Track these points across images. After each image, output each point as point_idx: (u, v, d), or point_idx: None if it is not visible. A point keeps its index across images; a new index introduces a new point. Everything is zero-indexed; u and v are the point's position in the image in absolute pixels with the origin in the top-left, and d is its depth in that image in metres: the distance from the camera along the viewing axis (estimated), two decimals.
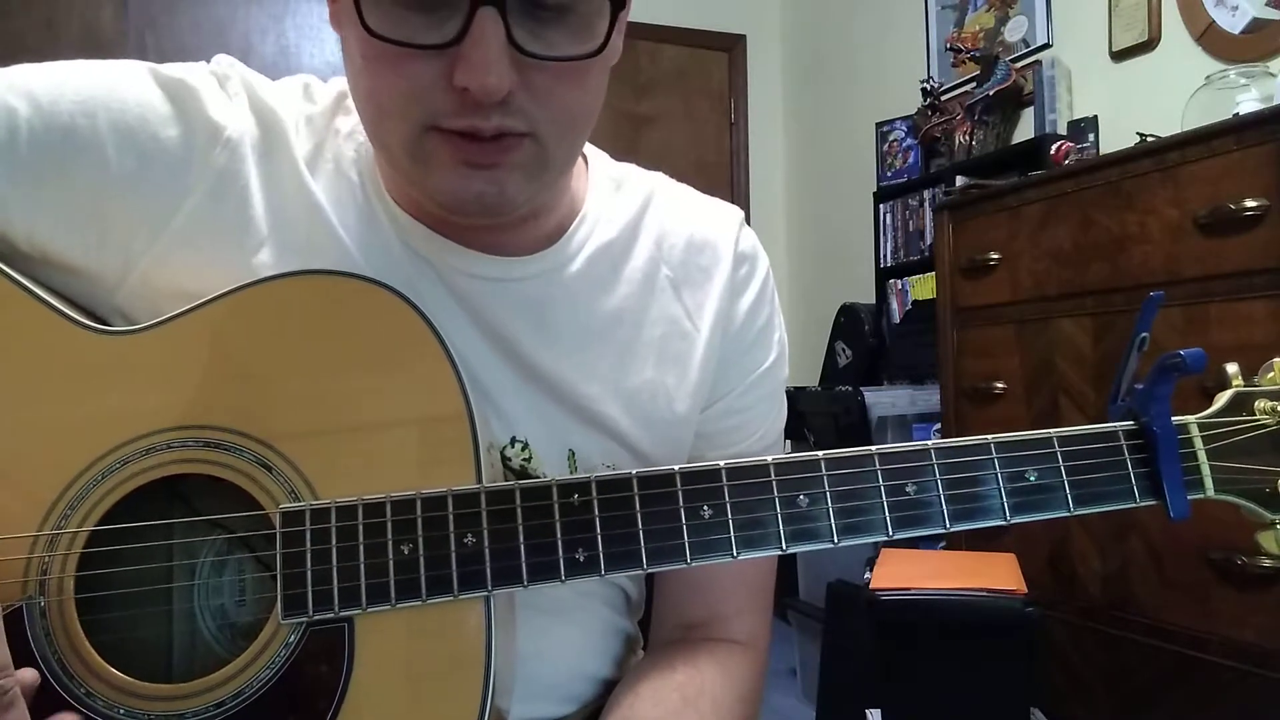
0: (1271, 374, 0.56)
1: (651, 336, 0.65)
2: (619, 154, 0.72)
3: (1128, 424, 0.55)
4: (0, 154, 0.54)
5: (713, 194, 0.73)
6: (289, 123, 0.60)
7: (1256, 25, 2.10)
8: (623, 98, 3.73)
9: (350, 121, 0.62)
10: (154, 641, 0.53)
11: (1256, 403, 0.55)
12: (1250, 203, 1.51)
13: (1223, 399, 0.56)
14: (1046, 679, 1.81)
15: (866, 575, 1.68)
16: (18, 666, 0.47)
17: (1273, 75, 1.97)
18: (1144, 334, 0.56)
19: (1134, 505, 0.53)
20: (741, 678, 0.67)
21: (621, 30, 0.53)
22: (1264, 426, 0.54)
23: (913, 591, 1.46)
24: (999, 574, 1.51)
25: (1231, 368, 0.56)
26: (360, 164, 0.61)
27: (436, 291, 0.59)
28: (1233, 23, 2.15)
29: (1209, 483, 0.54)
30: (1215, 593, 1.54)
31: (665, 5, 3.67)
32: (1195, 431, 0.54)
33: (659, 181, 0.71)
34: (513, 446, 0.61)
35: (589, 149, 0.70)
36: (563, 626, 0.64)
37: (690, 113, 3.92)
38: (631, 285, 0.65)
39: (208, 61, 0.61)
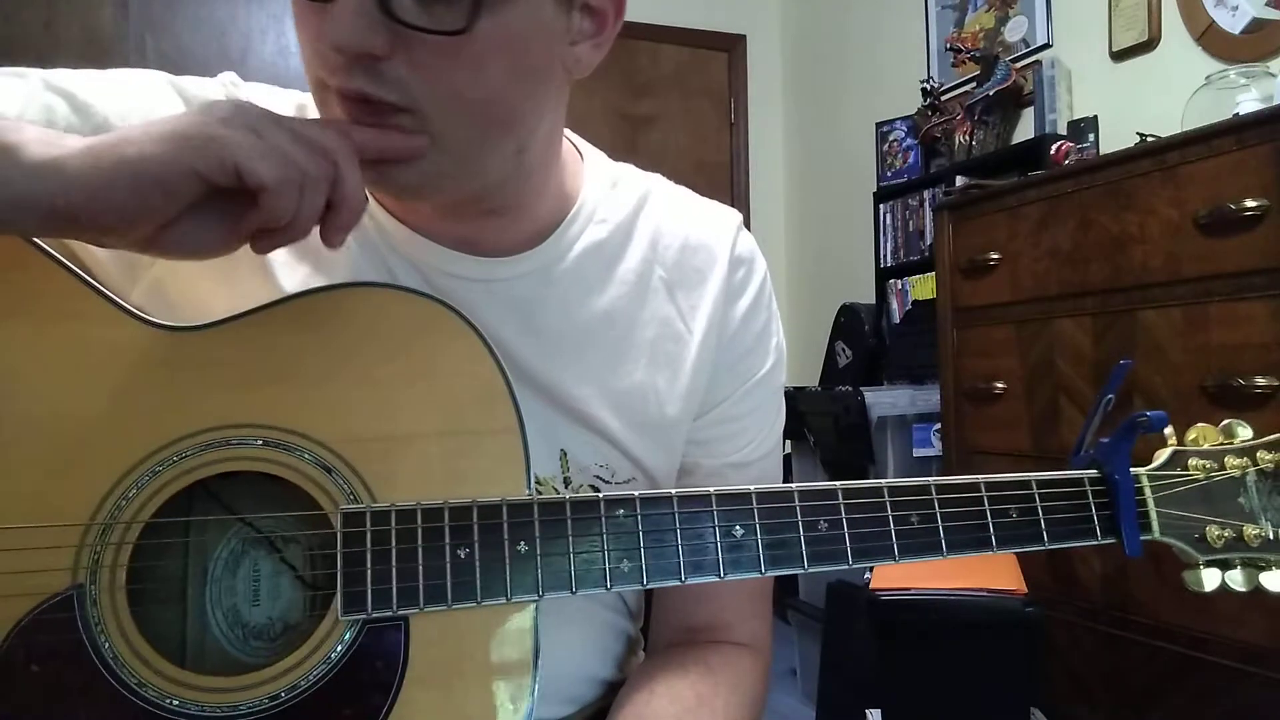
0: (1194, 436, 0.65)
1: (643, 338, 0.65)
2: (618, 154, 0.71)
3: (1092, 472, 0.62)
4: None
5: (712, 194, 0.72)
6: None
7: (1256, 25, 2.10)
8: (622, 98, 3.73)
9: None
10: (202, 635, 0.54)
11: (1190, 460, 0.64)
12: (1250, 203, 1.51)
13: (1163, 456, 0.64)
14: (1046, 679, 1.81)
15: (866, 575, 1.68)
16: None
17: (1273, 75, 1.96)
18: (1110, 396, 0.65)
19: (1095, 543, 0.61)
20: (751, 681, 0.67)
21: (525, 15, 0.52)
22: (1195, 481, 0.63)
23: (913, 591, 1.46)
24: (999, 574, 1.51)
25: (1168, 430, 0.64)
26: None
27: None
28: (1233, 23, 2.15)
29: (1156, 526, 0.62)
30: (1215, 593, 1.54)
31: (665, 5, 3.67)
32: (1145, 482, 0.63)
33: (655, 182, 0.71)
34: None
35: (586, 147, 0.70)
36: (564, 628, 0.64)
37: (690, 113, 3.92)
38: (624, 286, 0.65)
39: (211, 72, 0.64)
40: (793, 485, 0.56)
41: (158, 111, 0.58)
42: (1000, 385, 2.03)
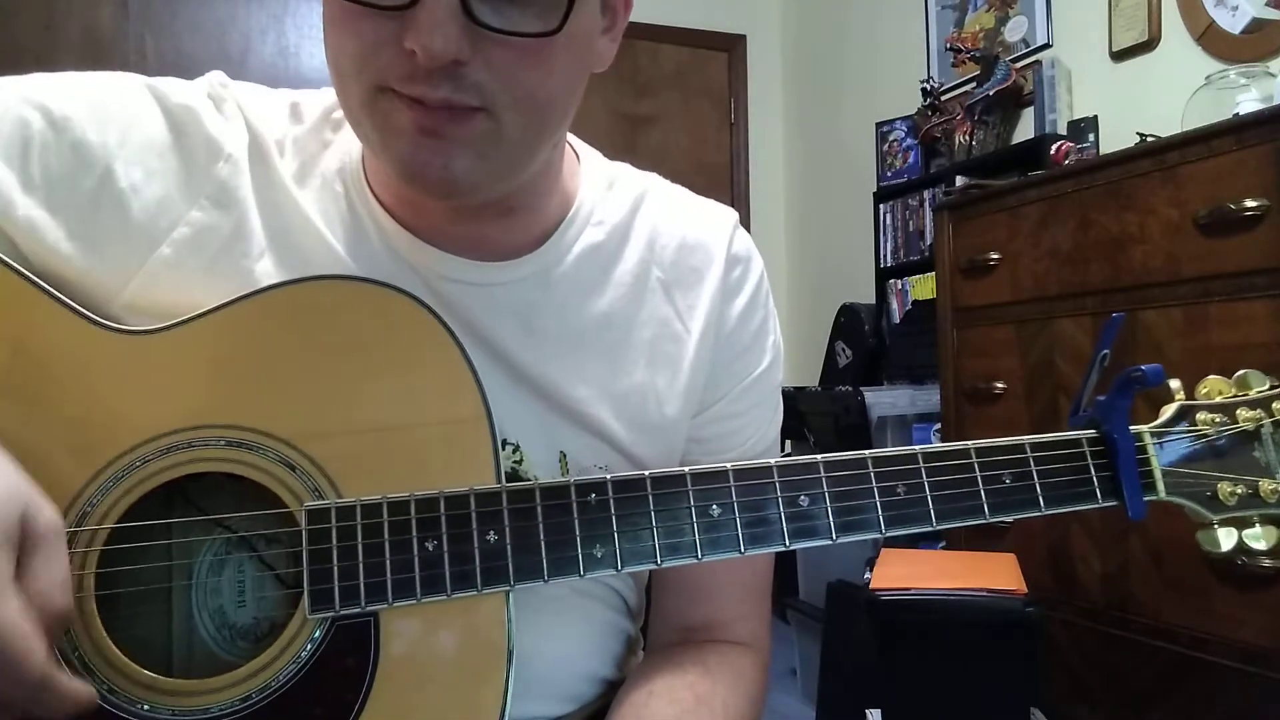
0: (1206, 389, 0.62)
1: (642, 339, 0.65)
2: (618, 154, 0.71)
3: (1090, 432, 0.60)
4: (14, 164, 0.55)
5: (712, 194, 0.72)
6: (275, 145, 0.61)
7: (1256, 25, 2.10)
8: (622, 98, 3.73)
9: (339, 137, 0.63)
10: (174, 639, 0.54)
11: (1198, 415, 0.60)
12: (1250, 203, 1.51)
13: (1169, 411, 0.61)
14: (1046, 679, 1.81)
15: (866, 575, 1.68)
16: None
17: (1273, 75, 1.96)
18: (1105, 351, 0.62)
19: (1097, 506, 0.58)
20: (750, 679, 0.67)
21: (589, 14, 0.54)
22: (1205, 436, 0.60)
23: (913, 591, 1.46)
24: (999, 574, 1.51)
25: (1174, 383, 0.61)
26: (345, 174, 0.62)
27: (423, 298, 0.60)
28: (1233, 23, 2.15)
29: (1161, 486, 0.59)
30: (1215, 593, 1.54)
31: (665, 5, 3.67)
32: (1149, 440, 0.59)
33: (652, 182, 0.71)
34: (503, 449, 0.61)
35: (582, 147, 0.70)
36: (564, 627, 0.64)
37: (690, 113, 3.92)
38: (622, 287, 0.65)
39: (203, 77, 0.63)
40: (771, 460, 0.55)
41: (136, 120, 0.58)
42: (1000, 385, 2.03)
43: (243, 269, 0.58)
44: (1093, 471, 0.58)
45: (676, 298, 0.66)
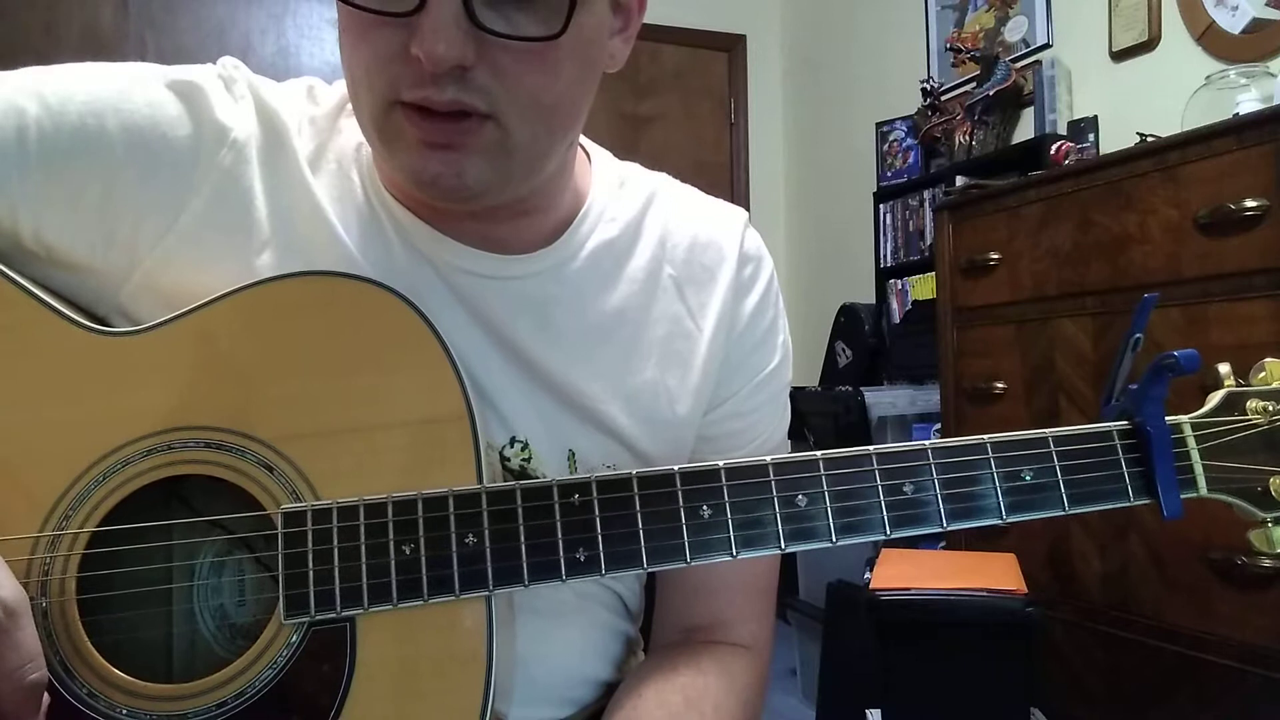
0: (1263, 374, 0.57)
1: (654, 336, 0.65)
2: (619, 154, 0.71)
3: (1121, 424, 0.55)
4: (9, 153, 0.54)
5: (713, 194, 0.73)
6: (291, 124, 0.60)
7: (1256, 25, 2.10)
8: (623, 98, 3.73)
9: (353, 123, 0.62)
10: (155, 642, 0.53)
11: (1248, 402, 0.55)
12: (1250, 203, 1.51)
13: (1215, 399, 0.56)
14: (1046, 679, 1.81)
15: (866, 575, 1.68)
16: None
17: (1273, 75, 1.96)
18: (1138, 335, 0.57)
19: (1128, 504, 0.54)
20: (745, 682, 0.67)
21: (597, 16, 0.54)
22: (1256, 426, 0.55)
23: (913, 591, 1.46)
24: (999, 574, 1.51)
25: (1224, 368, 0.56)
26: (361, 164, 0.61)
27: (437, 290, 0.60)
28: (1233, 23, 2.15)
29: (1201, 482, 0.54)
30: (1215, 593, 1.54)
31: (665, 5, 3.65)
32: (1188, 431, 0.55)
33: (662, 181, 0.71)
34: (512, 447, 0.61)
35: (592, 147, 0.70)
36: (562, 629, 0.64)
37: (690, 113, 3.92)
38: (634, 284, 0.65)
39: (213, 63, 0.62)
40: (767, 458, 0.52)
41: (139, 105, 0.57)
42: (1000, 385, 2.03)
43: (243, 261, 0.57)
44: (1124, 467, 0.54)
45: (688, 296, 0.66)
